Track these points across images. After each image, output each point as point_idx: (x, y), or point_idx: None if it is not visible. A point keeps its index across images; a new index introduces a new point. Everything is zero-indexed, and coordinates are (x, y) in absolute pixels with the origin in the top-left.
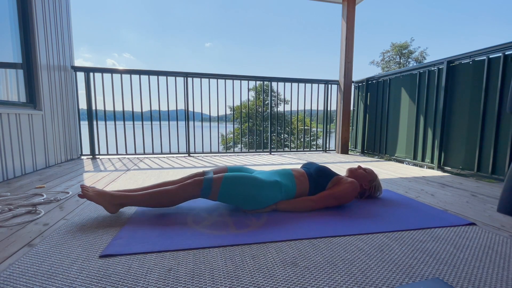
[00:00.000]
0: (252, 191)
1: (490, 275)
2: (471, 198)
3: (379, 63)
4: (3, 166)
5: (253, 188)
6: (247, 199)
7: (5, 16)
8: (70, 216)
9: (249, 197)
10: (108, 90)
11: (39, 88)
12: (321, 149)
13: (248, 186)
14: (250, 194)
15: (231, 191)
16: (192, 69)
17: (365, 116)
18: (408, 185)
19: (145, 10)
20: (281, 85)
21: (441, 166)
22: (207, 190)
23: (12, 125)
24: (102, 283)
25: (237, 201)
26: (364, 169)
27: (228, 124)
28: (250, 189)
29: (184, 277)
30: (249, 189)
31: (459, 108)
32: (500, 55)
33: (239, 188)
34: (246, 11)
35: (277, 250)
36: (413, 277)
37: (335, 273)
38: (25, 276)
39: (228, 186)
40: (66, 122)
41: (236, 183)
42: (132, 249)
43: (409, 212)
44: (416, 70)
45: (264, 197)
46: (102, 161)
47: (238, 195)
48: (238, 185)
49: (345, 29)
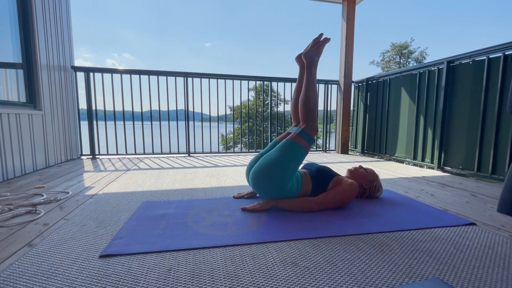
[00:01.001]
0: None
1: (490, 275)
2: (471, 198)
3: (379, 63)
4: (3, 166)
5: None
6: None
7: (5, 16)
8: (70, 216)
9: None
10: (108, 90)
11: (39, 88)
12: (321, 149)
13: (296, 166)
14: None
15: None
16: (192, 69)
17: (365, 116)
18: (408, 185)
19: (145, 10)
20: (281, 85)
21: (441, 166)
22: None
23: (12, 125)
24: (102, 283)
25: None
26: (365, 169)
27: (228, 124)
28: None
29: (184, 277)
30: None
31: (459, 108)
32: (500, 55)
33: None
34: (246, 11)
35: (277, 250)
36: (413, 277)
37: (335, 273)
38: (25, 276)
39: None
40: (66, 122)
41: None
42: (132, 249)
43: (409, 212)
44: (416, 70)
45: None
46: (102, 161)
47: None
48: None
49: (345, 29)
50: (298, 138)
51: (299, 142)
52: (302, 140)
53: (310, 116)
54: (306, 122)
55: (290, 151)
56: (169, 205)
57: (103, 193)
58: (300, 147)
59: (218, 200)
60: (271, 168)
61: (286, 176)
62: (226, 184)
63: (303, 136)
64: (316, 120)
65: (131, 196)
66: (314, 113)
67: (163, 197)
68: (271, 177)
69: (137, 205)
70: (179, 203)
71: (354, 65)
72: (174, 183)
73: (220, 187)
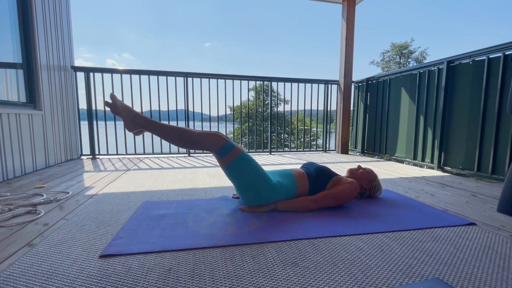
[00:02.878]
0: (258, 181)
1: (490, 275)
2: (471, 198)
3: (379, 63)
4: (3, 166)
5: (260, 178)
6: (250, 187)
7: (5, 16)
8: (70, 216)
9: (253, 185)
10: (108, 90)
11: (39, 88)
12: (321, 149)
13: (258, 174)
14: (254, 183)
15: (243, 167)
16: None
17: (365, 116)
18: (408, 185)
19: (145, 10)
20: (281, 85)
21: (441, 166)
22: (226, 151)
23: (12, 125)
24: (102, 283)
25: (241, 182)
26: (364, 169)
27: (228, 124)
28: (257, 178)
29: (184, 277)
30: (256, 178)
31: (459, 108)
32: (500, 55)
33: (249, 170)
34: (246, 11)
35: (277, 250)
36: (413, 277)
37: (335, 273)
38: (25, 276)
39: (243, 161)
40: (66, 122)
41: (250, 164)
42: (132, 249)
43: (409, 212)
44: (416, 70)
45: (265, 193)
46: (102, 161)
47: (246, 176)
48: (250, 167)
49: (345, 29)
50: (225, 158)
51: (230, 160)
52: (227, 156)
53: (194, 145)
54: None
55: (237, 171)
56: (169, 205)
57: (103, 193)
58: (234, 162)
59: (218, 200)
60: (247, 194)
61: (264, 185)
62: (226, 184)
63: (223, 153)
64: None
65: (131, 196)
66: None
67: (163, 197)
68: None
69: (137, 205)
70: (179, 203)
71: (354, 65)
72: (174, 183)
73: (220, 187)
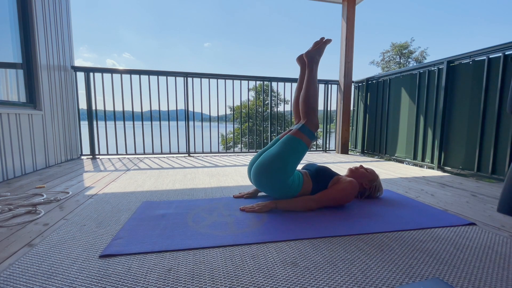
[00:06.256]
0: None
1: (490, 275)
2: (471, 198)
3: (379, 63)
4: (3, 166)
5: (294, 164)
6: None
7: (5, 16)
8: (70, 216)
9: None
10: (108, 90)
11: (39, 88)
12: (321, 149)
13: (296, 162)
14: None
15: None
16: (191, 69)
17: (365, 116)
18: (408, 185)
19: (144, 10)
20: (281, 85)
21: (441, 166)
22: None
23: (12, 125)
24: (102, 283)
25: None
26: (366, 168)
27: (228, 124)
28: (293, 163)
29: (184, 277)
30: (293, 162)
31: (459, 108)
32: (500, 55)
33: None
34: (246, 11)
35: (277, 250)
36: (413, 277)
37: (335, 273)
38: (25, 276)
39: (301, 149)
40: (66, 122)
41: (299, 155)
42: (132, 249)
43: (409, 212)
44: (416, 70)
45: (290, 171)
46: (102, 161)
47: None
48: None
49: (345, 29)
50: (299, 133)
51: (299, 137)
52: (302, 134)
53: (310, 112)
54: (306, 117)
55: (291, 145)
56: (169, 205)
57: (103, 193)
58: (300, 142)
59: (218, 200)
60: (272, 162)
61: (287, 170)
62: (226, 184)
63: (304, 131)
64: (317, 116)
65: (131, 196)
66: (315, 109)
67: (163, 197)
68: (272, 170)
69: (137, 205)
70: (179, 203)
71: (354, 65)
72: (174, 183)
73: (220, 187)
